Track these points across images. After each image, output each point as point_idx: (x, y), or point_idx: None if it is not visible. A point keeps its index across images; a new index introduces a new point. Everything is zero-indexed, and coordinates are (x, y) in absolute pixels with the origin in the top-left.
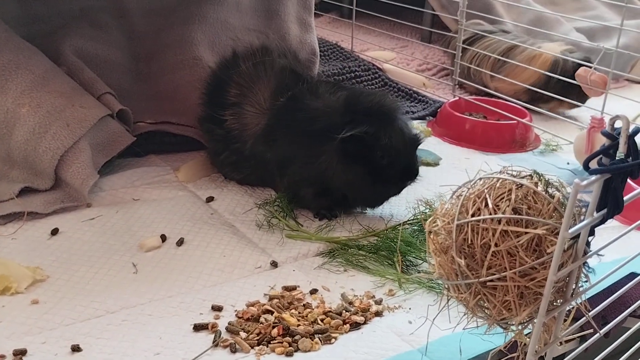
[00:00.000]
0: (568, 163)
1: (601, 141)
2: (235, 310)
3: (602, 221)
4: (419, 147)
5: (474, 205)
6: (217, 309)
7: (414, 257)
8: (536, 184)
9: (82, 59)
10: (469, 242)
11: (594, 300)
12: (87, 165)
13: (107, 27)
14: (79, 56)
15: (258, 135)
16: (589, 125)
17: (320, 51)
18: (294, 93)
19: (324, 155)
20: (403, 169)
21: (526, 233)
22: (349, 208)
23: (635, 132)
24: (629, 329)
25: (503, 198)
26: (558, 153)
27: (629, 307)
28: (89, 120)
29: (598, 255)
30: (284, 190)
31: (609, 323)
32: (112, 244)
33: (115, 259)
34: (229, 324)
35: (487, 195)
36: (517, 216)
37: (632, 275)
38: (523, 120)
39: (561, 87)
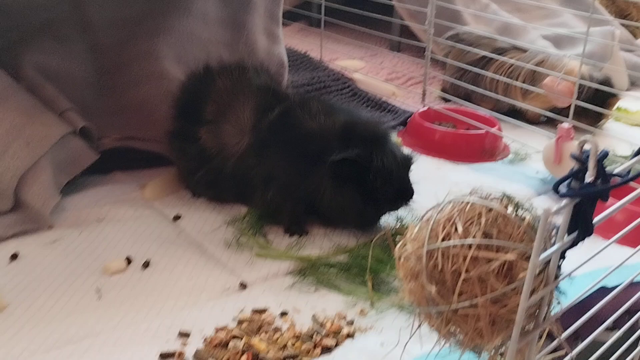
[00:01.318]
0: (537, 172)
1: (569, 150)
2: (204, 336)
3: (573, 245)
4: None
5: (444, 229)
6: (184, 335)
7: (386, 274)
8: (506, 207)
9: (42, 74)
10: (440, 268)
11: (565, 315)
12: (48, 185)
13: (69, 41)
14: (39, 71)
15: (243, 152)
16: (557, 135)
17: (289, 61)
18: (285, 109)
19: (314, 176)
20: (397, 190)
21: (497, 259)
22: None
23: (603, 156)
24: (603, 342)
25: (473, 222)
26: (527, 162)
27: (600, 320)
28: (50, 139)
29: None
30: (263, 204)
31: (580, 337)
32: (74, 268)
33: (78, 284)
34: (197, 351)
35: (457, 220)
36: (487, 241)
37: (603, 290)
38: (492, 130)
39: (581, 109)
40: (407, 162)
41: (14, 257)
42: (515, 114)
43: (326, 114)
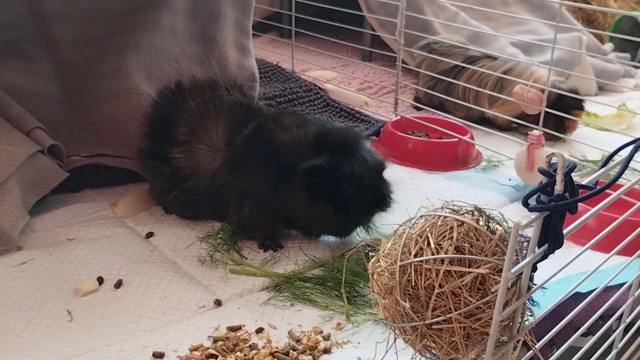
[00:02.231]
0: (510, 179)
1: (540, 157)
2: (178, 357)
3: (544, 257)
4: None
5: (417, 245)
6: (158, 355)
7: (362, 287)
8: (477, 220)
9: (8, 92)
10: (413, 283)
11: (540, 322)
12: (16, 206)
13: (35, 58)
14: (5, 90)
15: (217, 170)
16: (528, 142)
17: (260, 72)
18: (259, 124)
19: (288, 188)
20: (371, 197)
21: (469, 273)
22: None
23: (571, 169)
24: (578, 348)
25: (445, 236)
26: (500, 169)
27: (574, 327)
28: (17, 159)
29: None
30: (240, 220)
31: (555, 344)
32: (45, 290)
33: (48, 307)
34: None
35: (429, 234)
36: (459, 255)
37: (576, 295)
38: (464, 138)
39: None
40: (379, 167)
41: None
42: (486, 121)
43: (298, 126)
